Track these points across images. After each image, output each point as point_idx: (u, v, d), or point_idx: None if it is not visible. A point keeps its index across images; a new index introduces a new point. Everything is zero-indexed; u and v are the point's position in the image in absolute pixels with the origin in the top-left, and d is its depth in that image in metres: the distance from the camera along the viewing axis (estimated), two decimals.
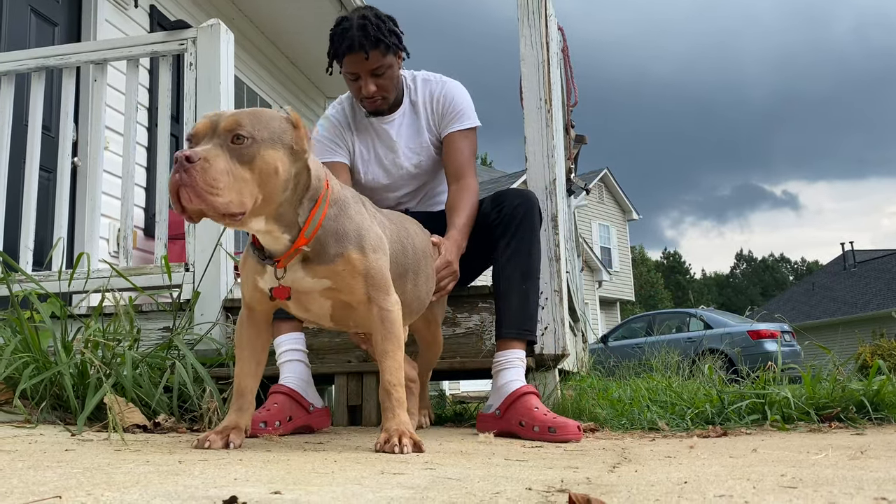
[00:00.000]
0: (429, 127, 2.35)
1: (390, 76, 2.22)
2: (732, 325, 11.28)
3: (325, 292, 1.53)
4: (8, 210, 2.84)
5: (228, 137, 1.30)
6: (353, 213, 1.54)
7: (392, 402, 1.52)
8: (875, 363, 2.33)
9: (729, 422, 2.17)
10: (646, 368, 3.97)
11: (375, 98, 2.23)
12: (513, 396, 1.95)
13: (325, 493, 0.93)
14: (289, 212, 1.42)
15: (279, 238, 1.44)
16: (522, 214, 2.13)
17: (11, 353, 1.92)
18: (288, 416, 1.93)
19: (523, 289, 2.10)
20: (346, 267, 1.49)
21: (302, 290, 1.52)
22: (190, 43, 2.69)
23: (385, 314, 1.55)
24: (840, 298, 27.04)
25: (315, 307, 1.58)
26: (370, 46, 2.13)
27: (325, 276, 1.49)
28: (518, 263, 2.10)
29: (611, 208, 25.16)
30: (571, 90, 4.17)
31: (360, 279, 1.51)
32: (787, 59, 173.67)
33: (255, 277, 1.53)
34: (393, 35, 2.19)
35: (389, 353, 1.54)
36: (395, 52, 2.22)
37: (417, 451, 1.45)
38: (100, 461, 1.19)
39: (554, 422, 1.86)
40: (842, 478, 1.05)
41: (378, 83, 2.20)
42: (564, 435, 1.83)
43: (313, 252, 1.47)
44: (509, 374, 2.02)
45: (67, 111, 2.80)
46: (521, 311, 2.08)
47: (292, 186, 1.41)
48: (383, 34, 2.15)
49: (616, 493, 0.96)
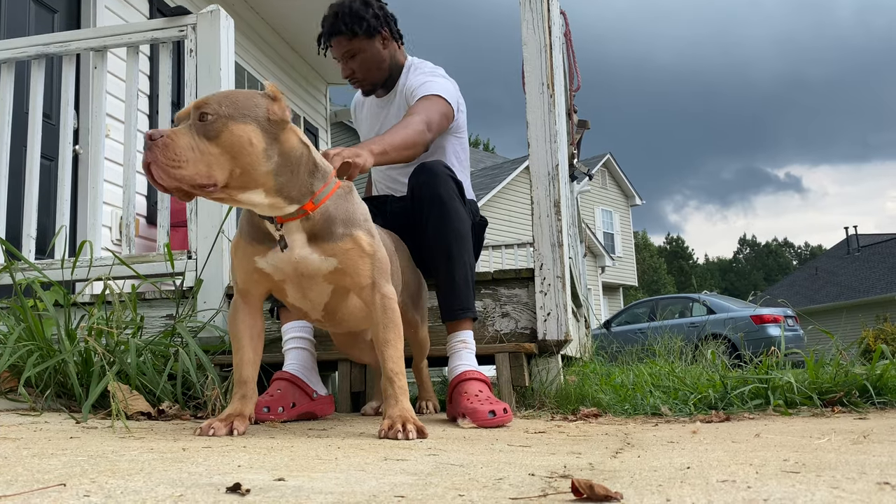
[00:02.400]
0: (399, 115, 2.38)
1: (364, 59, 2.31)
2: (735, 310, 11.27)
3: (330, 276, 1.55)
4: (10, 198, 2.84)
5: (196, 116, 1.37)
6: (357, 202, 1.60)
7: (395, 390, 1.54)
8: (878, 347, 2.33)
9: (732, 407, 2.17)
10: (649, 354, 3.97)
11: (353, 79, 2.37)
12: (454, 383, 1.98)
13: (328, 479, 0.93)
14: (293, 185, 1.46)
15: (284, 209, 1.48)
16: (427, 193, 2.07)
17: (15, 341, 1.92)
18: (291, 402, 1.93)
19: (448, 269, 2.06)
20: (355, 246, 1.53)
21: (307, 273, 1.54)
22: (190, 29, 2.68)
23: (388, 302, 1.58)
24: (843, 283, 27.00)
25: (314, 293, 1.59)
26: (346, 29, 2.27)
27: (333, 255, 1.52)
28: (438, 246, 2.06)
29: (614, 193, 25.10)
30: (574, 75, 4.15)
31: (367, 260, 1.55)
32: (790, 42, 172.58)
33: (252, 259, 1.56)
34: (365, 21, 2.25)
35: (391, 342, 1.56)
36: (371, 34, 2.28)
37: (421, 437, 1.46)
38: (104, 448, 1.19)
39: (467, 407, 1.86)
40: (845, 462, 1.05)
41: (351, 66, 2.33)
42: (475, 420, 1.81)
43: (321, 229, 1.51)
44: (453, 359, 2.06)
45: (68, 99, 2.79)
46: (451, 293, 2.06)
47: (283, 160, 1.44)
48: (345, 23, 2.25)
49: (619, 478, 0.96)
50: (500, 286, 2.46)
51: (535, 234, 2.40)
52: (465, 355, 2.05)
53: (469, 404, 1.86)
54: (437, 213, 2.06)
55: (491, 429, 1.78)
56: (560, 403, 2.25)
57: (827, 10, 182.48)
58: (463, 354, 2.05)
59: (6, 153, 2.81)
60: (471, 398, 1.89)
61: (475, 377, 1.97)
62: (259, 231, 1.55)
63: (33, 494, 0.79)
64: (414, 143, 2.04)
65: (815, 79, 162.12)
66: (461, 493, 0.85)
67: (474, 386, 1.95)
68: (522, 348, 2.28)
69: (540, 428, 1.81)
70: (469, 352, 2.06)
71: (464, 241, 2.08)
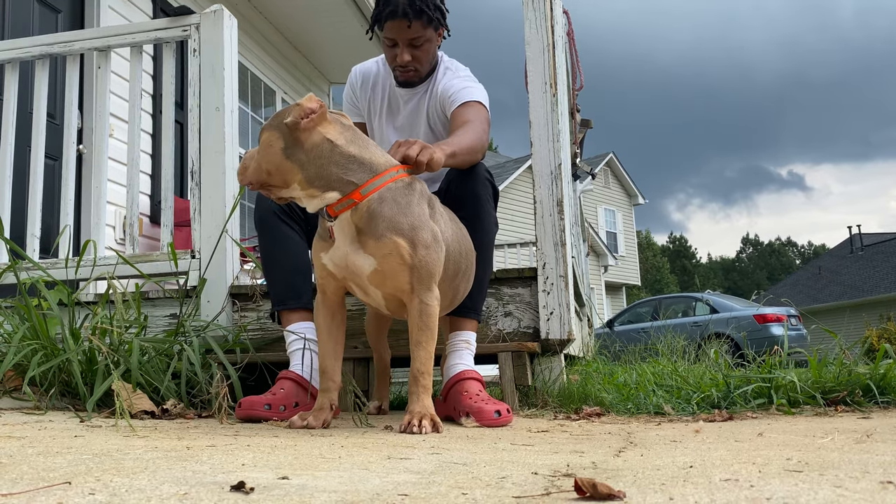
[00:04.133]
0: (430, 113, 2.33)
1: (427, 49, 2.22)
2: (738, 310, 11.25)
3: (374, 278, 1.65)
4: (14, 198, 2.85)
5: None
6: (413, 205, 1.66)
7: (418, 388, 1.66)
8: (882, 347, 2.33)
9: (735, 406, 2.17)
10: (651, 353, 3.97)
11: (408, 68, 2.24)
12: (452, 381, 1.98)
13: (332, 478, 0.93)
14: (321, 176, 1.60)
15: (323, 197, 1.61)
16: (465, 191, 2.07)
17: (20, 340, 1.93)
18: (294, 402, 1.93)
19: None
20: (394, 253, 1.61)
21: (356, 271, 1.65)
22: (193, 29, 2.68)
23: (424, 308, 1.68)
24: (847, 282, 26.94)
25: (371, 291, 1.71)
26: (413, 16, 2.13)
27: (372, 254, 1.62)
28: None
29: (616, 193, 25.07)
30: (577, 74, 4.15)
31: (405, 271, 1.64)
32: (793, 44, 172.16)
33: (319, 256, 1.70)
34: (437, 10, 2.19)
35: (423, 344, 1.68)
36: (437, 27, 2.22)
37: (435, 432, 1.58)
38: (109, 447, 1.19)
39: (472, 406, 1.85)
40: (848, 461, 1.05)
41: (414, 54, 2.20)
42: (480, 420, 1.81)
43: (366, 224, 1.61)
44: (453, 357, 2.05)
45: (72, 99, 2.80)
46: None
47: (307, 157, 1.59)
48: (428, 6, 2.15)
49: (622, 477, 0.96)
50: (503, 285, 2.46)
51: (538, 233, 2.40)
52: (465, 355, 2.05)
53: (473, 403, 1.86)
54: (472, 211, 2.06)
55: (493, 428, 1.78)
56: (563, 402, 2.25)
57: (829, 11, 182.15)
58: (464, 354, 2.05)
59: (10, 153, 2.82)
60: (472, 397, 1.89)
61: (474, 377, 1.98)
62: (323, 228, 1.70)
63: (38, 492, 0.79)
64: (480, 149, 2.08)
65: (816, 79, 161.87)
66: (464, 491, 0.85)
67: (474, 385, 1.95)
68: (525, 347, 2.28)
69: (543, 427, 1.82)
70: (470, 353, 2.06)
71: (489, 244, 2.11)
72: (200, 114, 2.62)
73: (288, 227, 2.12)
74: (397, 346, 2.38)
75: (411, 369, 1.67)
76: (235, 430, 1.59)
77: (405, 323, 2.43)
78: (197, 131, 2.62)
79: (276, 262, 2.10)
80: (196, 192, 2.59)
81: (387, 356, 2.25)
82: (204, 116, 2.62)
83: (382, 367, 2.26)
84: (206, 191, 2.57)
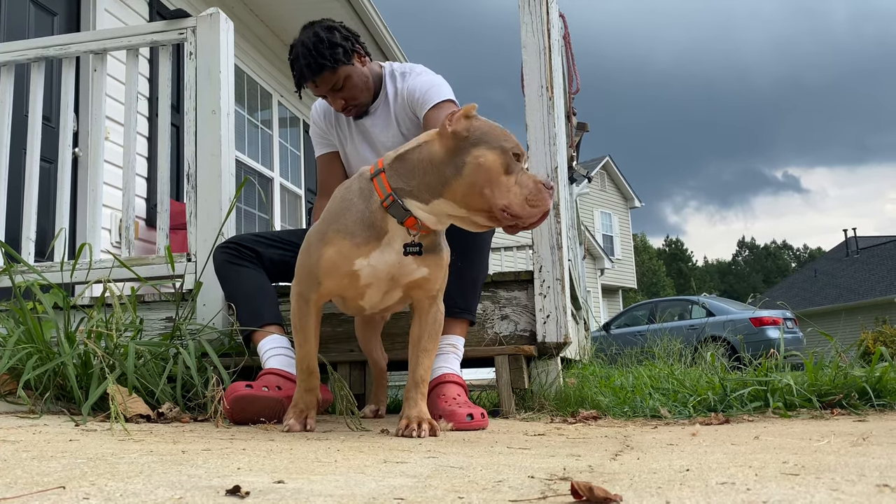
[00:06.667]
0: (399, 119, 2.31)
1: (352, 85, 2.22)
2: (734, 313, 11.27)
3: (413, 283, 1.64)
4: (9, 201, 2.84)
5: None
6: None
7: (416, 393, 1.66)
8: (877, 350, 2.33)
9: (731, 409, 2.17)
10: (648, 356, 3.98)
11: (349, 108, 2.28)
12: (432, 385, 1.98)
13: (328, 481, 0.93)
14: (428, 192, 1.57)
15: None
16: None
17: (15, 343, 1.92)
18: (276, 385, 1.93)
19: (458, 267, 2.03)
20: (442, 259, 1.65)
21: (398, 277, 1.62)
22: (190, 32, 2.68)
23: (440, 316, 1.71)
24: (842, 285, 27.01)
25: (388, 297, 1.68)
26: (316, 72, 2.17)
27: (426, 265, 1.62)
28: (458, 241, 2.02)
29: (613, 196, 25.11)
30: (573, 77, 4.15)
31: (443, 273, 1.66)
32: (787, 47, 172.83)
33: (352, 261, 1.59)
34: (338, 47, 2.17)
35: (430, 352, 1.70)
36: (348, 61, 2.19)
37: (433, 436, 1.58)
38: (104, 451, 1.19)
39: (445, 409, 1.86)
40: (844, 464, 1.05)
41: (343, 96, 2.24)
42: (452, 423, 1.81)
43: (431, 241, 1.63)
44: (437, 360, 2.04)
45: (67, 101, 2.79)
46: (456, 290, 2.02)
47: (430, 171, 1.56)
48: (323, 54, 2.15)
49: (618, 480, 0.96)
50: (500, 288, 2.46)
51: (535, 236, 2.40)
52: (451, 359, 2.04)
53: (447, 406, 1.87)
54: None
55: (470, 431, 1.78)
56: (559, 406, 2.25)
57: (823, 15, 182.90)
58: (449, 357, 2.04)
59: (6, 156, 2.81)
60: (448, 400, 1.90)
61: (455, 380, 1.98)
62: (371, 231, 1.58)
63: (33, 497, 0.78)
64: None
65: (812, 82, 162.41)
66: (461, 495, 0.85)
67: (453, 389, 1.95)
68: (522, 350, 2.28)
69: (539, 430, 1.82)
70: (456, 357, 2.05)
71: (484, 244, 2.12)
72: (196, 117, 2.62)
73: (240, 266, 2.19)
74: (392, 349, 2.38)
75: (413, 375, 1.67)
76: (231, 434, 1.58)
77: (399, 327, 2.44)
78: (193, 134, 2.62)
79: (237, 295, 2.16)
80: (192, 195, 2.59)
81: (383, 360, 2.25)
82: (200, 119, 2.61)
83: (379, 371, 2.25)
84: (203, 194, 2.57)
